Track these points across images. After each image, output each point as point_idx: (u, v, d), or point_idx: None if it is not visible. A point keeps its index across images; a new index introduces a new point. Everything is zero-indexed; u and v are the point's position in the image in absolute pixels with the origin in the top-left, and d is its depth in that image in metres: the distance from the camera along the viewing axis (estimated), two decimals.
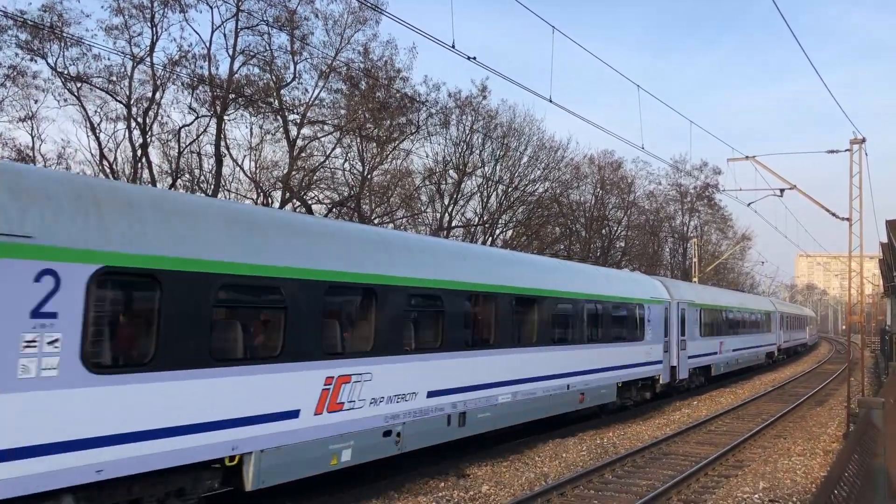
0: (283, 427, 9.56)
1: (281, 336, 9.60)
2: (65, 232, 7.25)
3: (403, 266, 11.98)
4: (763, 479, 13.73)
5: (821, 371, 43.76)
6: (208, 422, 8.57)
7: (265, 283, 9.39)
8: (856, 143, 22.89)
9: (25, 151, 27.00)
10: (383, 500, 11.49)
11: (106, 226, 7.67)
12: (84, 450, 7.31)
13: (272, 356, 9.54)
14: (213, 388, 8.63)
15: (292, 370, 9.70)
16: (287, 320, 9.63)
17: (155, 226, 8.21)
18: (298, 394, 9.82)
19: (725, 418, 22.00)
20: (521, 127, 42.11)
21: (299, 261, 9.84)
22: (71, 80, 26.59)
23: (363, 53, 31.51)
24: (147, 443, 7.90)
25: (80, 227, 7.42)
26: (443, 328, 12.80)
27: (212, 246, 8.74)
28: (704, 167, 61.55)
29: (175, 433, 8.20)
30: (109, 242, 7.63)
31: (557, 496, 12.24)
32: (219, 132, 28.43)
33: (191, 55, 27.76)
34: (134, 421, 7.79)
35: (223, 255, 8.82)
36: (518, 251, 31.31)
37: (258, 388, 9.23)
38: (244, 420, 9.01)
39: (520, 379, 15.14)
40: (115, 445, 7.59)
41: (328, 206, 33.34)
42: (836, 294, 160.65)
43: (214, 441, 8.63)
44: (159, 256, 8.08)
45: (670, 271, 64.37)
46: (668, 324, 23.92)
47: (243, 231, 9.36)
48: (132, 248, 7.84)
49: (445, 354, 12.82)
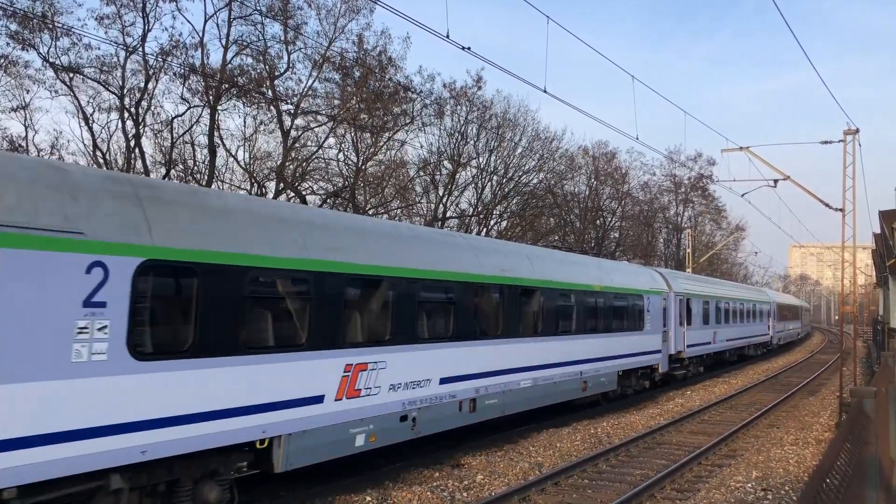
0: (309, 412, 10.06)
1: (307, 326, 10.06)
2: (112, 227, 7.79)
3: (442, 261, 13.10)
4: (756, 469, 13.81)
5: (814, 361, 43.99)
6: (241, 406, 9.08)
7: (293, 276, 9.92)
8: (849, 133, 22.92)
9: (18, 141, 26.86)
10: (378, 491, 11.52)
11: (148, 221, 8.20)
12: (130, 432, 7.83)
13: (298, 345, 9.97)
14: (244, 375, 9.16)
15: (317, 358, 10.20)
16: (312, 311, 10.14)
17: (192, 221, 8.75)
18: (322, 380, 10.31)
19: (719, 408, 22.11)
20: (516, 117, 42.05)
21: (325, 254, 10.40)
22: (63, 70, 26.41)
23: (357, 43, 31.41)
24: (186, 426, 8.40)
25: (125, 223, 7.95)
26: (454, 319, 13.40)
27: (243, 240, 9.25)
28: (699, 158, 61.68)
29: (211, 417, 8.72)
30: (152, 237, 8.14)
31: (552, 486, 12.29)
32: (212, 122, 28.30)
33: (182, 45, 27.60)
34: (174, 405, 8.30)
35: (254, 249, 9.33)
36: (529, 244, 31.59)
37: (285, 375, 9.73)
38: (273, 405, 9.51)
39: (523, 367, 15.66)
40: (157, 429, 8.10)
41: (322, 196, 33.27)
42: (829, 284, 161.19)
43: (246, 425, 9.15)
44: (196, 250, 8.59)
45: (664, 262, 64.48)
46: (666, 314, 24.55)
47: (271, 226, 9.85)
48: (172, 243, 8.35)
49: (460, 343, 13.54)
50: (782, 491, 12.25)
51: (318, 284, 10.20)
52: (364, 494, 11.22)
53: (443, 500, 11.21)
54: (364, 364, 11.03)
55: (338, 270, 10.56)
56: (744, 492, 12.15)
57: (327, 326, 10.35)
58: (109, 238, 7.70)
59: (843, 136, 23.00)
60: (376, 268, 11.36)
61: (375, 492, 11.44)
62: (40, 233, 7.09)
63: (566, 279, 17.62)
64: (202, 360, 8.61)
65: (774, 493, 12.07)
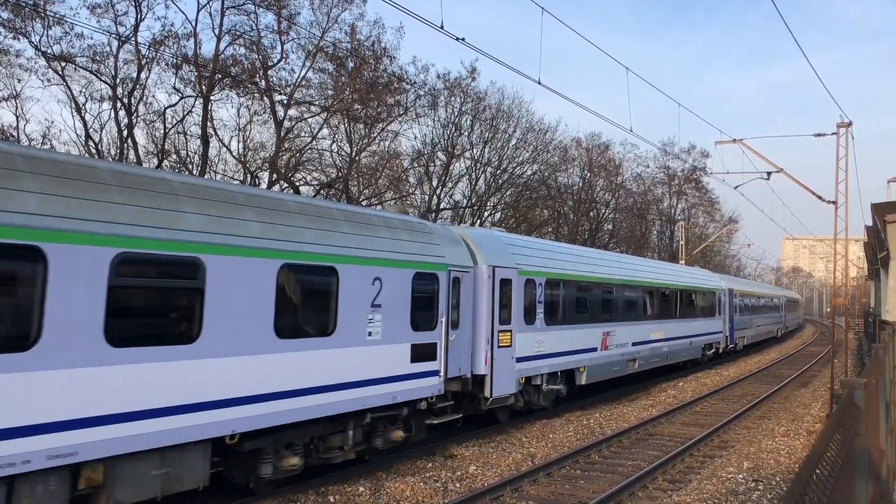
0: (592, 355, 19.55)
1: (589, 308, 19.55)
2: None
3: (640, 274, 23.99)
4: (747, 460, 13.89)
5: (805, 353, 44.20)
6: (566, 351, 18.09)
7: (630, 287, 21.39)
8: (842, 126, 22.97)
9: (9, 131, 26.69)
10: (371, 482, 11.55)
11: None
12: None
13: (587, 321, 19.38)
14: (566, 336, 18.15)
15: (594, 327, 19.84)
16: (593, 301, 19.85)
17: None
18: (595, 339, 19.73)
19: (711, 399, 22.22)
20: (510, 109, 41.99)
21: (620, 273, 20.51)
22: (55, 59, 26.23)
23: (350, 34, 31.25)
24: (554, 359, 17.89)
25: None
26: (645, 307, 23.94)
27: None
28: (692, 150, 61.76)
29: (559, 355, 18.18)
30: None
31: (544, 477, 12.34)
32: (205, 113, 28.16)
33: (175, 35, 27.41)
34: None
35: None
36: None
37: (585, 335, 19.15)
38: (580, 351, 18.85)
39: (666, 339, 25.60)
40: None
41: (316, 187, 33.20)
42: (822, 277, 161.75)
43: (570, 360, 18.40)
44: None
45: (657, 254, 64.61)
46: (721, 305, 33.59)
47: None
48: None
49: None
50: (773, 482, 12.33)
51: (617, 287, 21.45)
52: (357, 485, 11.25)
53: (436, 490, 11.24)
54: (609, 331, 20.49)
55: (623, 283, 22.01)
56: (735, 482, 12.22)
57: (599, 313, 20.01)
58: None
59: (837, 128, 23.05)
60: (626, 280, 22.25)
61: (368, 482, 11.47)
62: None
63: (685, 283, 28.23)
64: (576, 325, 18.59)
65: (765, 484, 12.15)
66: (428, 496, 10.95)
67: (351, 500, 10.67)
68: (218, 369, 9.05)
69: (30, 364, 7.22)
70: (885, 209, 20.17)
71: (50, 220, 7.43)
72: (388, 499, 10.79)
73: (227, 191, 9.85)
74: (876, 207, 20.34)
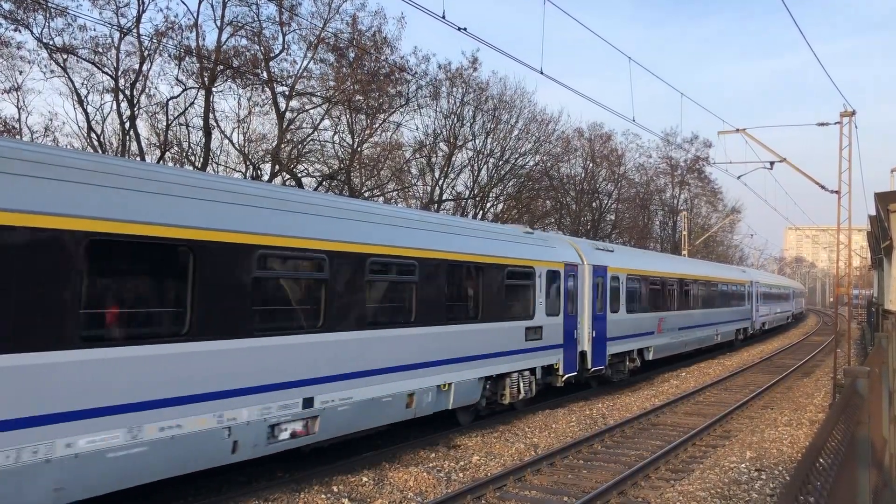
0: (652, 337, 23.35)
1: (657, 298, 23.84)
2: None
3: (696, 272, 29.87)
4: (750, 449, 13.92)
5: (808, 343, 44.21)
6: (633, 335, 21.73)
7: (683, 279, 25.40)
8: (846, 115, 22.92)
9: (11, 123, 26.69)
10: (375, 471, 11.60)
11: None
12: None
13: (655, 308, 23.69)
14: (633, 321, 21.56)
15: (651, 314, 23.39)
16: (659, 294, 24.29)
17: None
18: (652, 325, 23.22)
19: (713, 389, 22.25)
20: (512, 99, 41.88)
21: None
22: (57, 51, 26.19)
23: (351, 24, 31.17)
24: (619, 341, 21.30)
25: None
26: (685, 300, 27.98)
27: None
28: (695, 140, 61.56)
29: (624, 338, 21.48)
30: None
31: (547, 466, 12.38)
32: (207, 104, 28.13)
33: (177, 26, 27.37)
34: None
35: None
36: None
37: (653, 322, 23.10)
38: (645, 335, 22.59)
39: (705, 324, 30.30)
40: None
41: (318, 179, 33.18)
42: (825, 266, 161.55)
43: (639, 342, 22.00)
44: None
45: (660, 244, 64.58)
46: (748, 295, 39.63)
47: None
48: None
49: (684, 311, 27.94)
50: (776, 471, 12.36)
51: (668, 281, 25.49)
52: (361, 475, 11.30)
53: (439, 480, 11.29)
54: (663, 318, 24.13)
55: (678, 278, 26.47)
56: (738, 472, 12.25)
57: (662, 304, 24.25)
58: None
59: (840, 118, 23.01)
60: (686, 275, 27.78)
61: (372, 472, 11.52)
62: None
63: (726, 277, 35.14)
64: (647, 313, 22.73)
65: (768, 473, 12.18)
66: (431, 486, 11.00)
67: (355, 489, 10.73)
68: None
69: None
70: (889, 198, 20.11)
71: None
72: (391, 488, 10.84)
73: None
74: (879, 197, 20.28)
